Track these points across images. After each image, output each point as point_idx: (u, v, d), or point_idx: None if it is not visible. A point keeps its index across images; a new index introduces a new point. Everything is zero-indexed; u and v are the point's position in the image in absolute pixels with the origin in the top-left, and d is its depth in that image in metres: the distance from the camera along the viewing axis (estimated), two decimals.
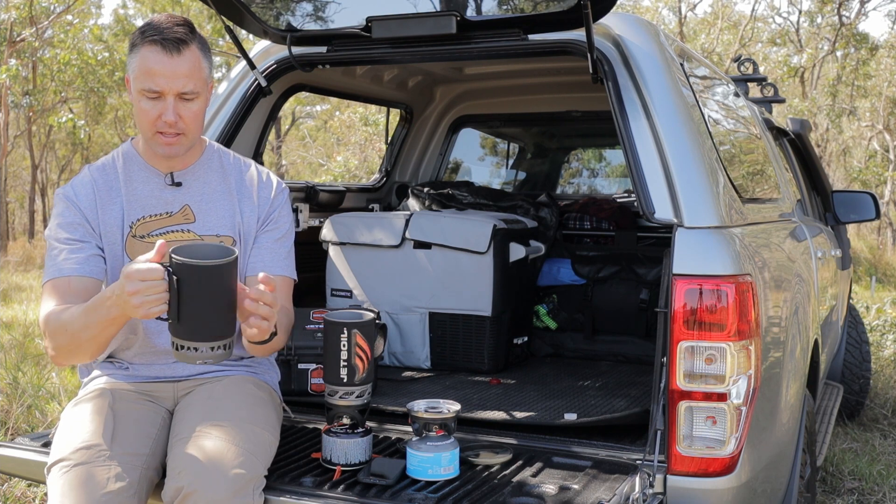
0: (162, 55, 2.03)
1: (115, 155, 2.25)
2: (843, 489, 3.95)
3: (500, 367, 3.37)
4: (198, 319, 1.80)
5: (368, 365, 2.17)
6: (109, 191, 2.18)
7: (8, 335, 6.72)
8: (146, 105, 2.07)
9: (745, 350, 2.10)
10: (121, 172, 2.20)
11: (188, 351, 1.82)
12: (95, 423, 2.05)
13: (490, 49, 2.61)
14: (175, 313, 1.79)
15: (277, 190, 2.31)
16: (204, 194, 2.23)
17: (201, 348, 1.82)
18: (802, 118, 4.50)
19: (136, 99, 2.09)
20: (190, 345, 1.81)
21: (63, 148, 26.59)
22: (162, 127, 2.08)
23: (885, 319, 7.58)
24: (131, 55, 2.08)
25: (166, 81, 2.04)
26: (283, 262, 2.28)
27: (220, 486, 1.87)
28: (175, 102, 2.06)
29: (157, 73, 2.03)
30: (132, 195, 2.18)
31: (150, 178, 2.20)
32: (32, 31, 14.31)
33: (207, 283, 1.77)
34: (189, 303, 1.78)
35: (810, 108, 17.67)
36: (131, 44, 2.08)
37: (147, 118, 2.08)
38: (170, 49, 2.03)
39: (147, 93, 2.05)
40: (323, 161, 16.57)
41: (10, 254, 14.90)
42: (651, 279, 3.66)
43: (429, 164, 4.68)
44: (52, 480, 1.97)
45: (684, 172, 2.27)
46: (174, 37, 2.04)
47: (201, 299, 1.78)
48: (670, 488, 2.11)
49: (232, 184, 2.26)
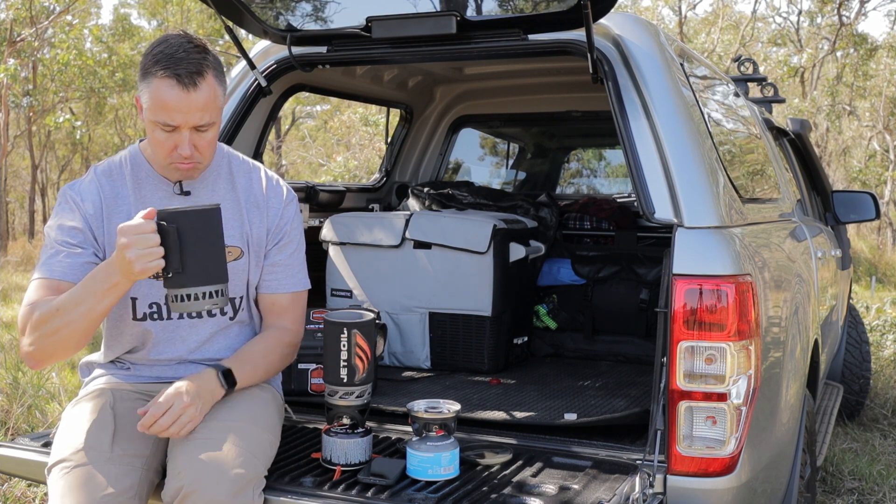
0: (178, 90, 1.95)
1: (123, 160, 2.20)
2: (843, 489, 3.95)
3: (500, 367, 3.37)
4: (202, 263, 1.86)
5: (368, 365, 2.17)
6: (116, 198, 2.15)
7: (8, 335, 6.72)
8: (161, 136, 2.02)
9: (745, 350, 2.10)
10: (129, 179, 2.17)
11: (192, 301, 1.87)
12: (96, 424, 2.04)
13: (490, 49, 2.61)
14: (178, 262, 1.84)
15: (288, 199, 2.29)
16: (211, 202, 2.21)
17: (207, 291, 1.87)
18: (802, 118, 4.50)
19: (149, 127, 2.04)
20: (194, 291, 1.86)
21: (63, 148, 26.58)
22: (177, 159, 2.05)
23: (885, 319, 7.58)
24: (144, 81, 2.00)
25: (182, 116, 1.98)
26: (298, 275, 2.29)
27: (220, 486, 1.87)
28: (190, 135, 2.02)
29: (173, 109, 1.97)
30: (141, 203, 2.14)
31: (160, 186, 2.18)
32: (32, 31, 14.31)
33: (204, 226, 1.86)
34: (191, 248, 1.84)
35: (810, 108, 17.67)
36: (144, 69, 2.00)
37: (162, 149, 2.04)
38: (186, 83, 1.95)
39: (162, 126, 2.00)
40: (323, 161, 16.58)
41: (10, 254, 14.89)
42: (651, 279, 3.66)
43: (429, 164, 4.68)
44: (53, 481, 1.97)
45: (684, 172, 2.27)
46: (190, 69, 1.96)
47: (202, 243, 1.85)
48: (670, 488, 2.11)
49: (240, 192, 2.24)
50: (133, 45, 24.02)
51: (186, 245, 1.84)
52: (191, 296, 1.87)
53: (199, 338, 2.22)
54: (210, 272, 1.88)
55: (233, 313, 2.24)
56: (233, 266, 2.18)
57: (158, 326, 2.18)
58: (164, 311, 2.18)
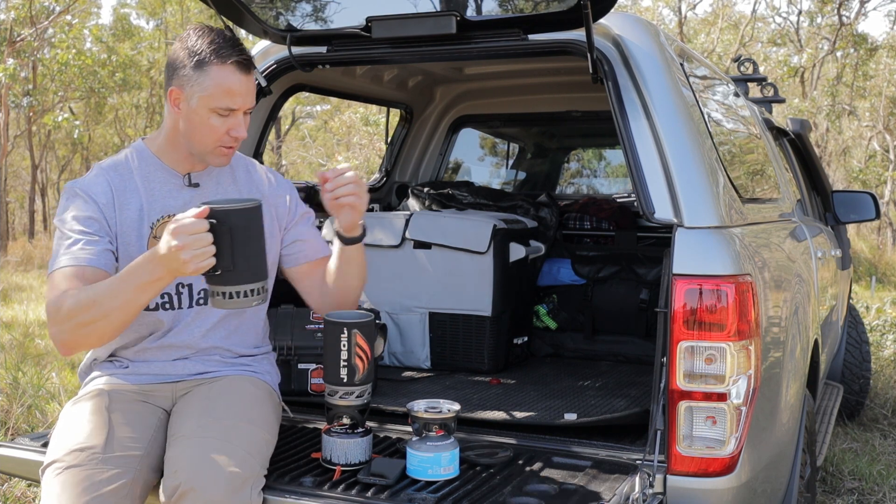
0: (240, 74, 2.07)
1: (128, 155, 2.22)
2: (843, 489, 3.95)
3: (500, 367, 3.37)
4: (250, 260, 1.88)
5: (368, 365, 2.17)
6: (125, 191, 2.16)
7: (8, 335, 6.72)
8: (216, 121, 2.09)
9: (745, 350, 2.10)
10: (136, 172, 2.19)
11: (240, 298, 1.89)
12: (91, 424, 2.05)
13: (490, 49, 2.61)
14: (229, 260, 1.85)
15: (288, 188, 2.38)
16: (218, 195, 2.25)
17: (254, 288, 1.90)
18: (802, 118, 4.50)
19: (202, 116, 2.08)
20: (243, 288, 1.88)
21: (63, 148, 26.58)
22: (228, 142, 2.12)
23: (885, 319, 7.58)
24: (199, 73, 2.05)
25: (242, 100, 2.09)
26: (325, 245, 2.38)
27: (217, 484, 1.88)
28: (242, 117, 2.12)
29: (237, 93, 2.07)
30: (151, 195, 2.17)
31: (169, 178, 2.20)
32: (32, 31, 14.31)
33: (253, 223, 1.89)
34: (241, 246, 1.86)
35: (810, 108, 17.67)
36: (197, 60, 2.05)
37: (216, 134, 2.10)
38: (244, 68, 2.08)
39: (221, 110, 2.08)
40: (323, 161, 16.58)
41: (10, 254, 14.89)
42: (651, 279, 3.66)
43: (429, 164, 4.68)
44: (46, 481, 1.97)
45: (684, 172, 2.27)
46: (244, 55, 2.08)
47: (251, 241, 1.88)
48: (670, 488, 2.11)
49: (241, 185, 2.30)
50: (133, 45, 24.03)
51: (236, 243, 1.86)
52: (240, 293, 1.89)
53: (206, 326, 2.24)
54: (256, 269, 1.91)
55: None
56: None
57: (169, 316, 2.20)
58: (175, 301, 2.20)
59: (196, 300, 2.22)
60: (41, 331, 7.21)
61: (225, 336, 2.27)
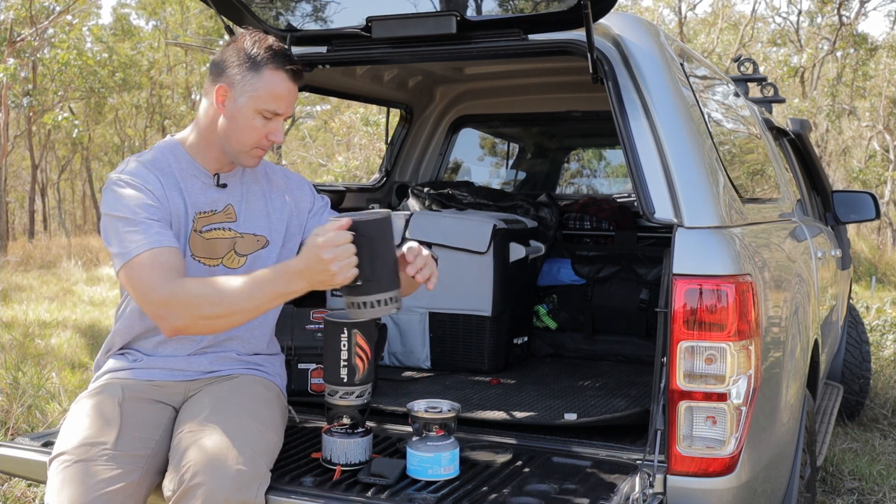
0: (290, 82, 2.16)
1: (164, 151, 2.24)
2: (843, 489, 3.95)
3: (500, 367, 3.37)
4: (387, 269, 1.97)
5: (368, 365, 2.17)
6: (167, 184, 2.19)
7: (8, 335, 6.72)
8: (259, 123, 2.15)
9: (745, 350, 2.10)
10: (174, 167, 2.22)
11: (379, 307, 1.96)
12: (102, 419, 2.06)
13: (490, 49, 2.61)
14: (370, 270, 1.93)
15: (308, 184, 2.46)
16: (243, 195, 2.30)
17: (391, 297, 1.98)
18: (802, 118, 4.50)
19: (247, 115, 2.14)
20: (382, 297, 1.96)
21: (63, 148, 26.59)
22: (264, 144, 2.19)
23: (885, 319, 7.58)
24: (252, 74, 2.12)
25: (286, 106, 2.17)
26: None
27: (224, 481, 1.88)
28: (282, 123, 2.20)
29: (284, 99, 2.16)
30: (188, 191, 2.22)
31: (200, 177, 2.24)
32: (32, 31, 14.31)
33: (388, 233, 1.98)
34: (380, 256, 1.95)
35: (810, 108, 17.67)
36: (252, 61, 2.12)
37: (256, 134, 2.16)
38: (295, 78, 2.18)
39: (266, 113, 2.15)
40: (323, 161, 16.59)
41: (10, 254, 14.89)
42: (651, 279, 3.66)
43: (429, 164, 4.67)
44: (53, 473, 1.98)
45: (684, 172, 2.27)
46: (297, 67, 2.18)
47: (387, 250, 1.97)
48: (670, 488, 2.11)
49: (263, 185, 2.36)
50: (133, 45, 24.03)
51: (376, 252, 1.95)
52: (381, 301, 1.97)
53: None
54: (392, 279, 1.99)
55: None
56: (260, 254, 2.29)
57: None
58: None
59: None
60: (41, 331, 7.21)
61: (246, 328, 2.29)
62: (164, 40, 24.08)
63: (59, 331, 7.29)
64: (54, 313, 8.34)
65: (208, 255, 2.23)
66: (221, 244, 2.25)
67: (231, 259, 2.26)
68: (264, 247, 2.31)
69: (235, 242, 2.27)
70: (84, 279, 11.60)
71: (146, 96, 25.02)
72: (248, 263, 2.27)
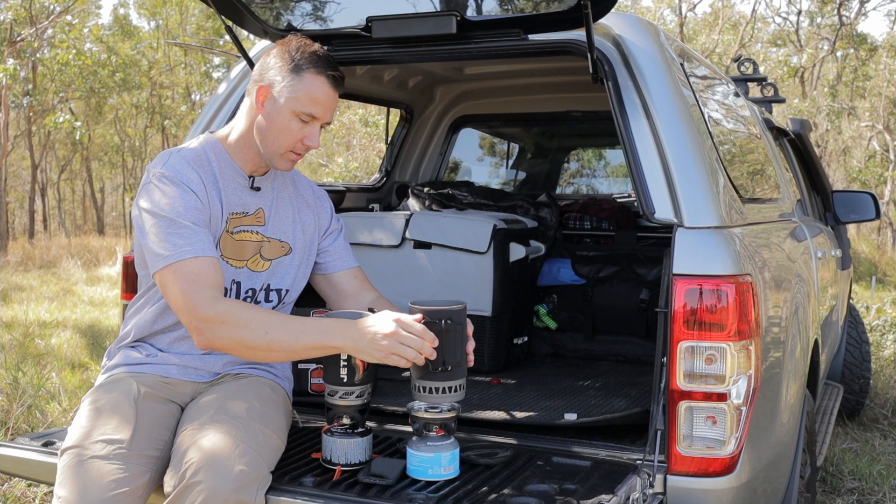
0: (330, 88, 2.16)
1: (205, 148, 2.24)
2: (843, 489, 3.95)
3: (500, 367, 3.37)
4: (460, 358, 2.08)
5: (368, 365, 2.17)
6: (207, 183, 2.19)
7: (8, 335, 6.72)
8: (296, 126, 2.16)
9: (745, 350, 2.10)
10: (214, 165, 2.23)
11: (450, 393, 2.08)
12: (118, 416, 2.06)
13: (490, 49, 2.61)
14: (452, 358, 2.05)
15: (328, 198, 2.49)
16: (273, 199, 2.32)
17: (460, 384, 2.10)
18: (802, 118, 4.50)
19: (285, 117, 2.15)
20: (454, 384, 2.08)
21: (63, 148, 26.60)
22: (299, 148, 2.19)
23: (885, 319, 7.58)
24: (294, 76, 2.13)
25: (324, 112, 2.17)
26: (353, 256, 2.51)
27: (224, 480, 1.88)
28: (318, 128, 2.20)
29: (322, 104, 2.16)
30: (225, 190, 2.23)
31: (236, 177, 2.26)
32: (32, 31, 14.32)
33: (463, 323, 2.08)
34: (459, 344, 2.06)
35: (810, 108, 17.67)
36: (295, 64, 2.14)
37: (292, 137, 2.17)
38: (336, 84, 2.18)
39: (304, 116, 2.15)
40: (323, 161, 16.58)
41: (10, 254, 14.90)
42: (651, 279, 3.66)
43: (429, 164, 4.68)
44: (65, 465, 1.99)
45: (684, 172, 2.27)
46: (339, 74, 2.18)
47: (461, 339, 2.08)
48: (670, 488, 2.11)
49: (291, 192, 2.39)
50: (133, 45, 24.03)
51: (458, 342, 2.06)
52: (451, 388, 2.07)
53: None
54: (463, 367, 2.09)
55: (276, 303, 2.34)
56: (283, 260, 2.32)
57: None
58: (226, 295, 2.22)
59: (243, 298, 2.26)
60: (41, 331, 7.21)
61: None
62: (164, 40, 24.08)
63: (59, 331, 7.30)
64: (54, 313, 8.34)
65: (236, 257, 2.25)
66: (249, 247, 2.27)
67: (256, 262, 2.28)
68: (287, 254, 2.33)
69: (262, 246, 2.29)
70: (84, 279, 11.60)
71: (146, 96, 25.02)
72: (271, 268, 2.30)
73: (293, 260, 2.34)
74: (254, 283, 2.28)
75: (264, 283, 2.30)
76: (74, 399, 4.74)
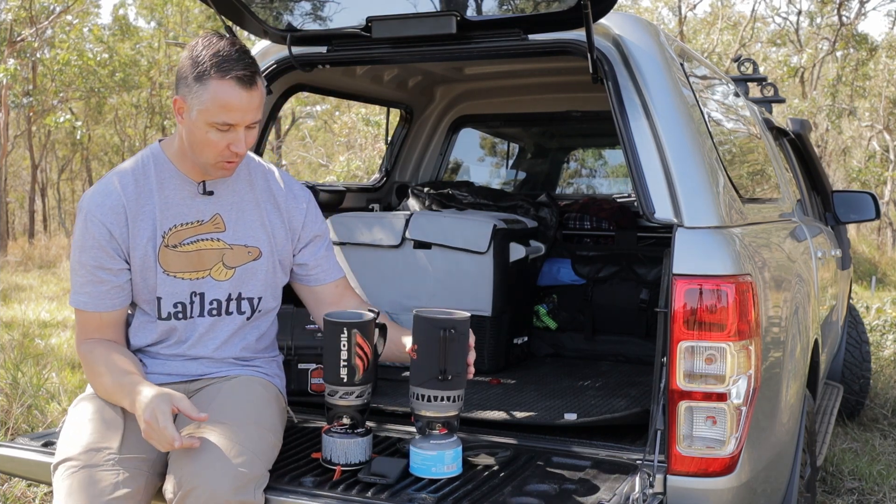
0: (239, 90, 2.01)
1: (145, 159, 2.20)
2: (843, 489, 3.95)
3: (500, 367, 3.37)
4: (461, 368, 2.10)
5: (368, 365, 2.17)
6: (138, 199, 2.15)
7: (8, 335, 6.72)
8: (215, 136, 2.05)
9: (745, 350, 2.10)
10: (153, 178, 2.17)
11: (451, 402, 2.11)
12: (105, 423, 2.06)
13: (490, 49, 2.61)
14: (455, 367, 2.08)
15: (306, 199, 2.35)
16: (234, 203, 2.24)
17: (460, 394, 2.12)
18: (802, 118, 4.50)
19: (201, 129, 2.05)
20: (454, 393, 2.10)
21: (63, 148, 26.57)
22: (228, 156, 2.09)
23: (885, 319, 7.58)
24: (198, 85, 2.01)
25: (241, 115, 2.04)
26: (336, 265, 2.42)
27: (223, 482, 1.88)
28: (243, 132, 2.08)
29: (235, 108, 2.02)
30: (165, 203, 2.16)
31: (183, 185, 2.19)
32: (32, 31, 14.32)
33: (467, 333, 2.11)
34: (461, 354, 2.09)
35: (810, 108, 17.67)
36: (198, 73, 2.01)
37: (215, 149, 2.07)
38: (245, 84, 2.02)
39: (219, 125, 2.03)
40: (323, 161, 16.59)
41: (10, 254, 14.89)
42: (651, 279, 3.66)
43: (429, 164, 4.68)
44: (59, 479, 1.98)
45: (684, 172, 2.27)
46: (247, 70, 2.02)
47: (464, 349, 2.11)
48: (670, 488, 2.11)
49: (258, 193, 2.28)
50: (133, 45, 24.03)
51: (460, 352, 2.08)
52: (450, 397, 2.10)
53: (221, 338, 2.25)
54: (463, 377, 2.12)
55: (250, 313, 2.28)
56: (251, 266, 2.25)
57: (182, 325, 2.21)
58: (188, 311, 2.21)
59: (209, 310, 2.23)
60: (41, 331, 7.21)
61: (241, 348, 2.29)
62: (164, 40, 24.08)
63: (59, 331, 7.29)
64: (54, 313, 8.34)
65: (189, 269, 2.19)
66: (209, 255, 2.21)
67: (219, 271, 2.22)
68: (256, 259, 2.25)
69: (224, 254, 2.22)
70: None
71: (146, 96, 25.01)
72: (236, 276, 2.24)
73: (262, 265, 2.26)
74: (218, 293, 2.22)
75: (231, 293, 2.24)
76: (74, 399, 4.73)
